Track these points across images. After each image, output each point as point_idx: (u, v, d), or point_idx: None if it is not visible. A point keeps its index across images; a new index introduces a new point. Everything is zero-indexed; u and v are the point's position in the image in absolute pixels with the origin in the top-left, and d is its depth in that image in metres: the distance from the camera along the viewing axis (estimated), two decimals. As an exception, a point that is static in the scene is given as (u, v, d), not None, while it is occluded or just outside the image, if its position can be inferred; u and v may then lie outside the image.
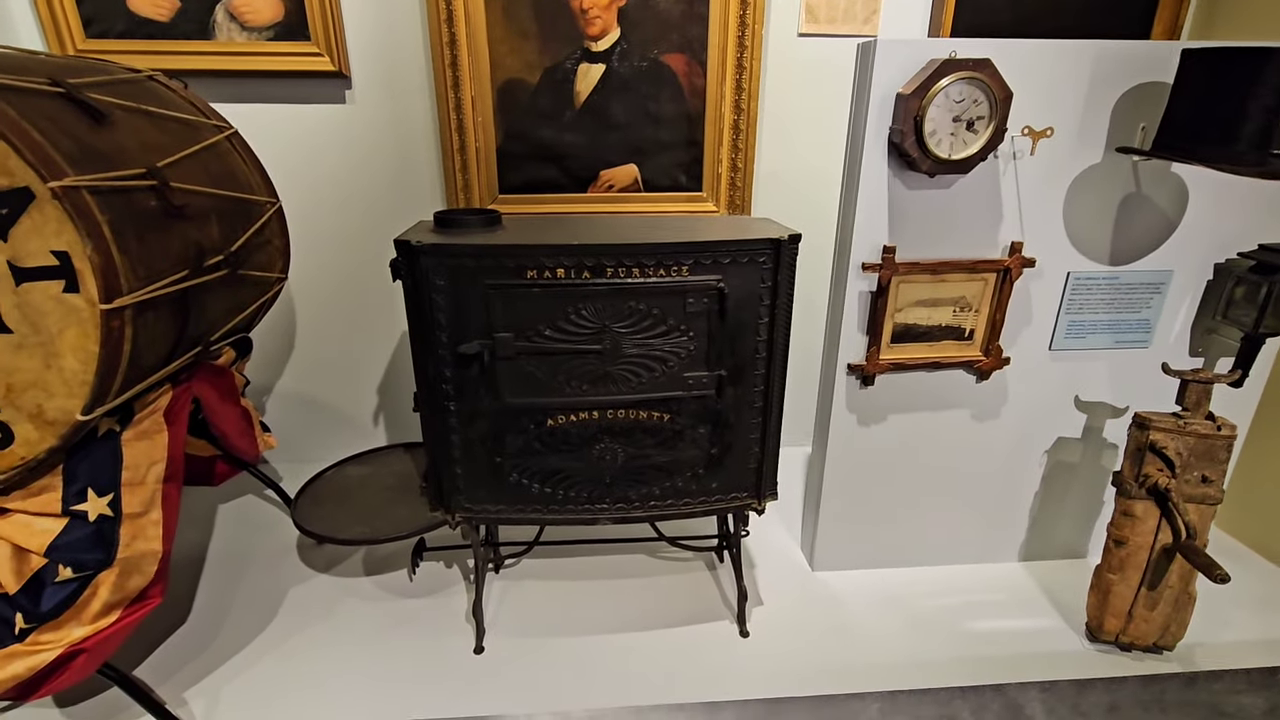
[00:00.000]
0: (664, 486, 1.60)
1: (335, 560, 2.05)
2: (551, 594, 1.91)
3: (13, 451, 1.20)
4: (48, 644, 1.28)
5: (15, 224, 1.07)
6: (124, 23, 2.01)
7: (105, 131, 1.24)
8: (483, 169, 2.22)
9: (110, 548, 1.28)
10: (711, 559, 2.07)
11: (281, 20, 2.04)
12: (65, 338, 1.14)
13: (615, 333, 1.43)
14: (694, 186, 2.32)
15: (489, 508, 1.59)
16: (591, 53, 2.13)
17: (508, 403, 1.48)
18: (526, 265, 1.37)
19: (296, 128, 2.14)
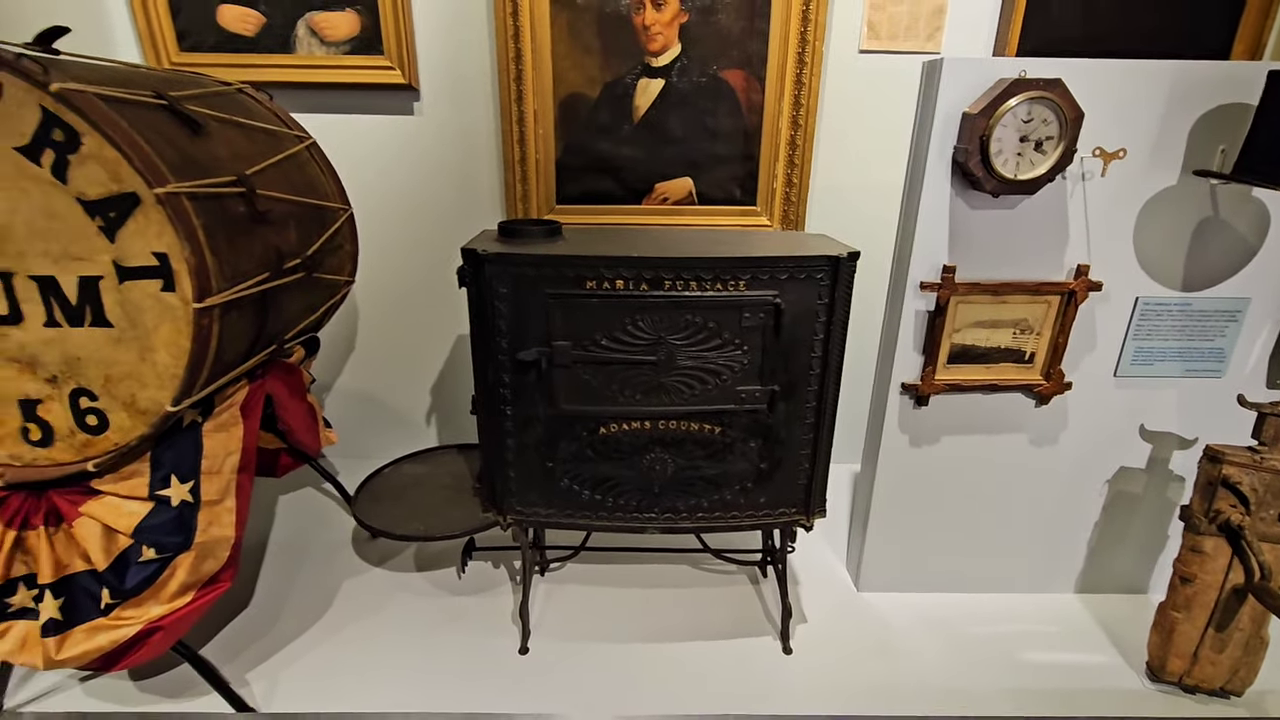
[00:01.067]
0: (712, 499, 1.61)
1: (388, 555, 2.12)
2: (595, 599, 1.94)
3: (107, 437, 1.28)
4: (129, 620, 1.36)
5: (122, 226, 1.15)
6: (214, 37, 2.14)
7: (201, 141, 1.33)
8: (541, 180, 2.28)
9: (189, 532, 1.36)
10: (754, 573, 2.06)
11: (358, 35, 2.14)
12: (160, 333, 1.22)
13: (670, 344, 1.45)
14: (748, 200, 2.33)
15: (540, 511, 1.63)
16: (652, 68, 2.17)
17: (562, 409, 1.51)
18: (586, 276, 1.40)
19: (367, 138, 2.23)
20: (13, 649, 1.34)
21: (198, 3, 2.10)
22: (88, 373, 1.24)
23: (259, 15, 2.12)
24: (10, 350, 1.21)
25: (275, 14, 2.12)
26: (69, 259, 1.16)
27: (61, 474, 1.27)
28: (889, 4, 2.12)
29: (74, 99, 1.07)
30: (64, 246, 1.15)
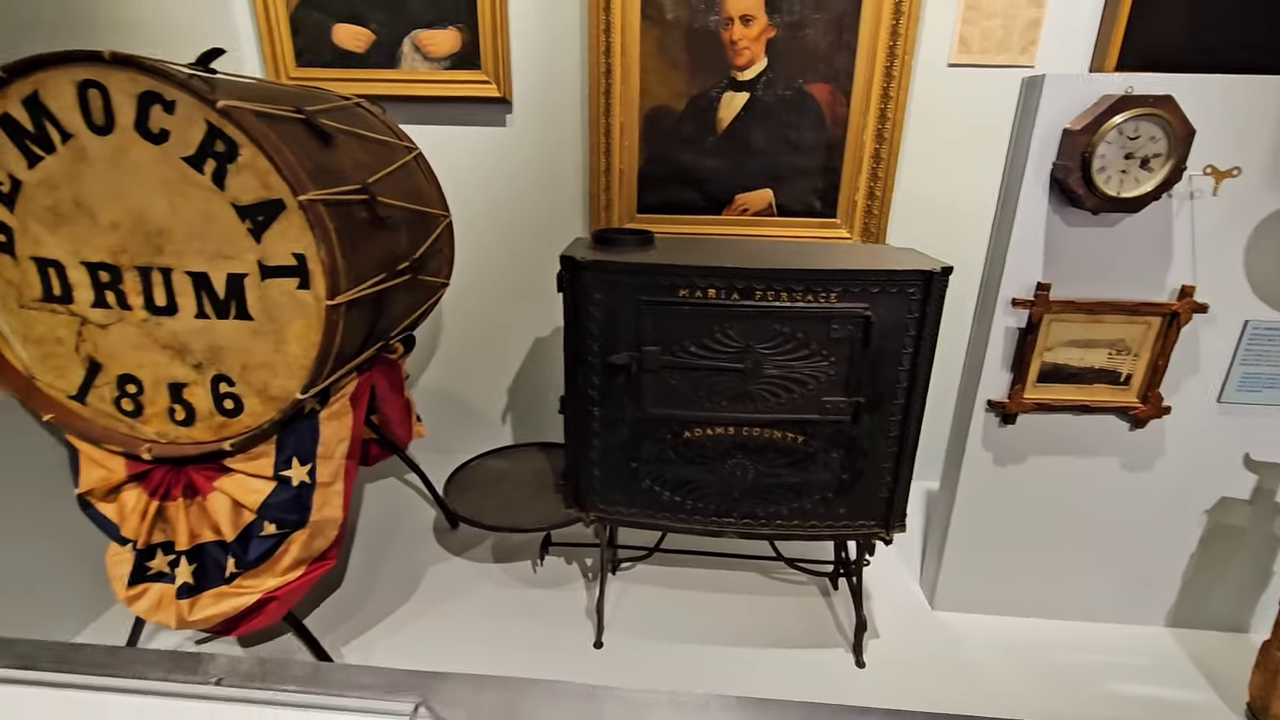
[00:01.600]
0: (791, 507, 1.63)
1: (468, 545, 2.22)
2: (667, 600, 1.98)
3: (241, 420, 1.41)
4: (249, 589, 1.49)
5: (268, 229, 1.27)
6: (328, 54, 2.30)
7: (331, 152, 1.44)
8: (624, 189, 2.35)
9: (305, 511, 1.47)
10: (825, 585, 2.06)
11: (458, 51, 2.27)
12: (293, 327, 1.33)
13: (758, 353, 1.49)
14: (828, 213, 2.33)
15: (621, 510, 1.68)
16: (737, 82, 2.21)
17: (649, 412, 1.56)
18: (679, 284, 1.45)
19: (462, 148, 2.35)
20: (149, 608, 1.48)
21: (315, 23, 2.27)
22: (228, 361, 1.36)
23: (370, 33, 2.27)
24: (165, 338, 1.35)
25: (384, 32, 2.26)
26: (220, 258, 1.28)
27: (200, 452, 1.40)
28: (981, 18, 2.10)
29: (235, 114, 1.19)
30: (217, 246, 1.28)
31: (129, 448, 1.41)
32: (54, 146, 1.22)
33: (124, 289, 1.31)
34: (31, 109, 1.21)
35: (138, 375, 1.38)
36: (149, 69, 1.17)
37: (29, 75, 1.18)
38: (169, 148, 1.22)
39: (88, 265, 1.30)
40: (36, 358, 1.39)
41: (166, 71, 1.17)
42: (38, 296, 1.33)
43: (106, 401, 1.41)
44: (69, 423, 1.40)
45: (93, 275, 1.30)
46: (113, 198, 1.25)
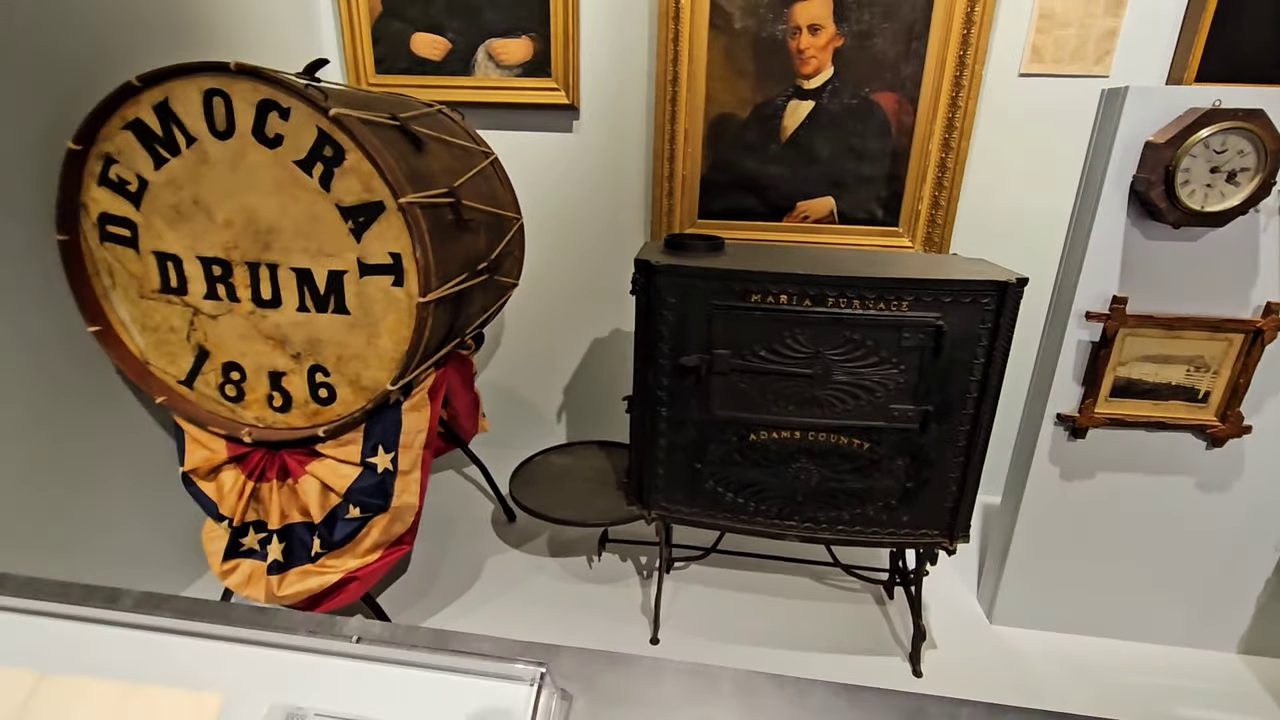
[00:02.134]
0: (854, 513, 1.64)
1: (525, 538, 2.29)
2: (721, 600, 2.00)
3: (333, 409, 1.49)
4: (331, 568, 1.57)
5: (368, 229, 1.35)
6: (405, 61, 2.40)
7: (423, 157, 1.52)
8: (686, 195, 2.39)
9: (388, 496, 1.55)
10: (880, 593, 2.06)
11: (530, 59, 2.34)
12: (386, 322, 1.41)
13: (827, 359, 1.51)
14: (890, 221, 2.34)
15: (683, 509, 1.72)
16: (803, 90, 2.23)
17: (716, 414, 1.60)
18: (752, 289, 1.48)
19: (531, 153, 2.42)
20: (240, 582, 1.58)
21: (395, 32, 2.37)
22: (324, 352, 1.45)
23: (446, 42, 2.36)
24: (268, 329, 1.44)
25: (460, 41, 2.36)
26: (323, 255, 1.37)
27: (295, 437, 1.49)
28: (1055, 27, 2.08)
29: (345, 121, 1.27)
30: (320, 244, 1.36)
31: (230, 431, 1.50)
32: (179, 150, 1.32)
33: (234, 282, 1.41)
34: (161, 115, 1.31)
35: (241, 363, 1.48)
36: (269, 79, 1.26)
37: (160, 84, 1.28)
38: (282, 152, 1.30)
39: (203, 260, 1.40)
40: (151, 344, 1.49)
41: (285, 81, 1.26)
42: (156, 288, 1.44)
43: (212, 387, 1.51)
44: (178, 406, 1.51)
45: (206, 269, 1.40)
46: (228, 197, 1.35)
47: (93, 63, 1.49)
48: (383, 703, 0.68)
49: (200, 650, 0.73)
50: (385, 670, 0.71)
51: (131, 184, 1.36)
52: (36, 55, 1.37)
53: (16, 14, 1.32)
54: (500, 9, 2.30)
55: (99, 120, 1.31)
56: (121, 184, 1.36)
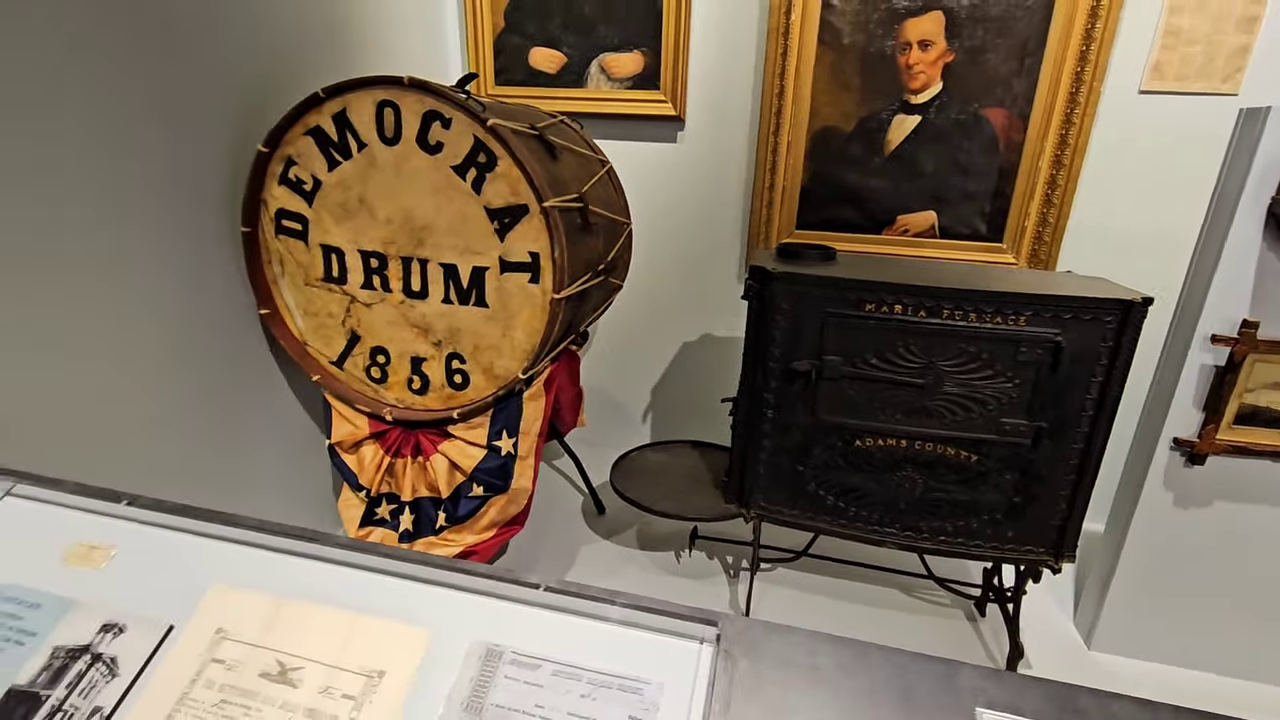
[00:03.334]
0: (957, 524, 1.65)
1: (614, 530, 2.38)
2: (809, 604, 2.04)
3: (466, 393, 1.62)
4: (452, 542, 1.70)
5: (511, 230, 1.46)
6: (523, 74, 2.55)
7: (557, 164, 1.63)
8: (786, 205, 2.44)
9: (508, 478, 1.66)
10: (970, 609, 2.05)
11: (640, 73, 2.45)
12: (521, 316, 1.52)
13: (939, 370, 1.53)
14: (993, 237, 2.32)
15: (783, 510, 1.77)
16: (910, 105, 2.25)
17: (822, 419, 1.64)
18: (867, 299, 1.53)
19: (637, 160, 2.53)
20: (371, 549, 1.72)
21: (515, 46, 2.53)
22: (462, 341, 1.58)
23: (562, 56, 2.50)
24: (414, 318, 1.58)
25: (575, 55, 2.49)
26: (470, 253, 1.50)
27: (431, 418, 1.63)
28: (1182, 44, 2.03)
29: (500, 131, 1.39)
30: (467, 242, 1.49)
31: (373, 409, 1.65)
32: (351, 154, 1.48)
33: (388, 274, 1.55)
34: (338, 123, 1.46)
35: (388, 348, 1.62)
36: (436, 91, 1.39)
37: (341, 95, 1.44)
38: (441, 158, 1.44)
39: (363, 253, 1.55)
40: (311, 328, 1.66)
41: (448, 94, 1.39)
42: (320, 277, 1.60)
43: (359, 369, 1.66)
44: (329, 384, 1.67)
45: (365, 262, 1.55)
46: (390, 197, 1.49)
47: (270, 80, 1.68)
48: (568, 648, 0.77)
49: (405, 590, 0.84)
50: (568, 619, 0.80)
51: (307, 183, 1.52)
52: (229, 74, 1.56)
53: (214, 38, 1.51)
54: (614, 25, 2.42)
55: (285, 127, 1.48)
56: (298, 183, 1.53)
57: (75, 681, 0.76)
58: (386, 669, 0.76)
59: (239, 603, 0.83)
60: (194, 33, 1.46)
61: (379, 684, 0.75)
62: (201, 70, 1.49)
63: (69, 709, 0.74)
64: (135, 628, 0.81)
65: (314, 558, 0.87)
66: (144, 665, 0.78)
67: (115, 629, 0.81)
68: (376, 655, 0.77)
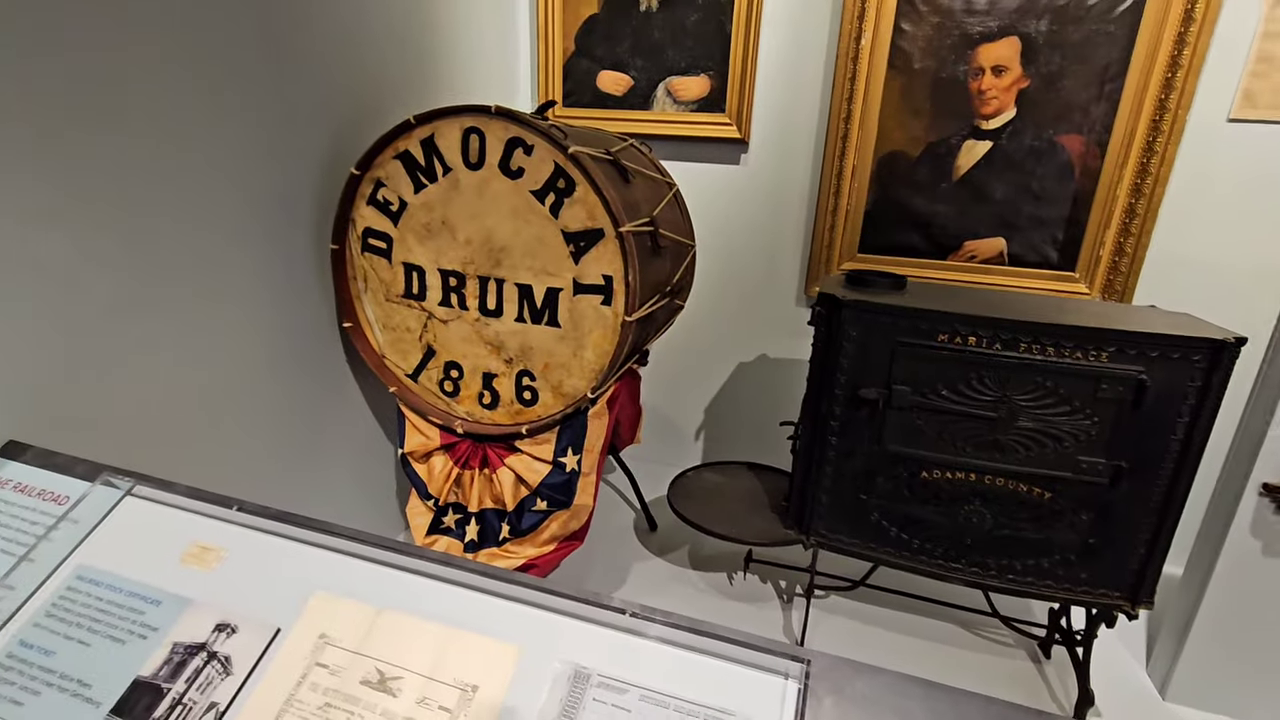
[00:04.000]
0: (1026, 563, 1.61)
1: (666, 548, 2.39)
2: (865, 635, 2.00)
3: (534, 410, 1.66)
4: (514, 554, 1.73)
5: (586, 253, 1.50)
6: (590, 96, 2.62)
7: (629, 188, 1.67)
8: (849, 228, 2.43)
9: (571, 494, 1.69)
10: (1034, 649, 1.98)
11: (705, 96, 2.48)
12: (592, 337, 1.56)
13: (1014, 404, 1.50)
14: (1065, 265, 2.26)
15: (843, 539, 1.75)
16: (981, 130, 2.22)
17: (888, 448, 1.63)
18: (940, 330, 1.51)
19: (700, 182, 2.55)
20: (436, 557, 1.77)
21: (584, 70, 2.59)
22: (533, 359, 1.62)
23: (629, 79, 2.55)
24: (488, 336, 1.63)
25: (642, 78, 2.54)
26: (545, 274, 1.54)
27: (500, 432, 1.67)
28: (1274, 71, 1.96)
29: (580, 158, 1.43)
30: (543, 264, 1.54)
31: (445, 421, 1.71)
32: (437, 177, 1.55)
33: (465, 293, 1.61)
34: (426, 148, 1.53)
35: (461, 363, 1.68)
36: (520, 120, 1.45)
37: (430, 122, 1.51)
38: (522, 182, 1.49)
39: (442, 271, 1.61)
40: (389, 342, 1.73)
41: (533, 123, 1.44)
42: (400, 293, 1.67)
43: (433, 382, 1.72)
44: (404, 396, 1.73)
45: (444, 280, 1.62)
46: (471, 219, 1.55)
47: (357, 108, 1.77)
48: (652, 674, 0.78)
49: (492, 606, 0.87)
50: (651, 645, 0.81)
51: (394, 204, 1.60)
52: (324, 107, 1.66)
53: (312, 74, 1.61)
54: (682, 50, 2.46)
55: (376, 151, 1.56)
56: (385, 204, 1.60)
57: (193, 677, 0.82)
58: (480, 683, 0.79)
59: (340, 611, 0.87)
60: (296, 71, 1.56)
61: (473, 698, 0.78)
62: (302, 104, 1.59)
63: (188, 702, 0.80)
64: (246, 628, 0.86)
65: (407, 570, 0.91)
66: (254, 665, 0.83)
67: (228, 629, 0.86)
68: (470, 669, 0.80)
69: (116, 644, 0.86)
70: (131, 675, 0.82)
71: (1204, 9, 1.92)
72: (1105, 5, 2.02)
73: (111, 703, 0.80)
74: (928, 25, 2.18)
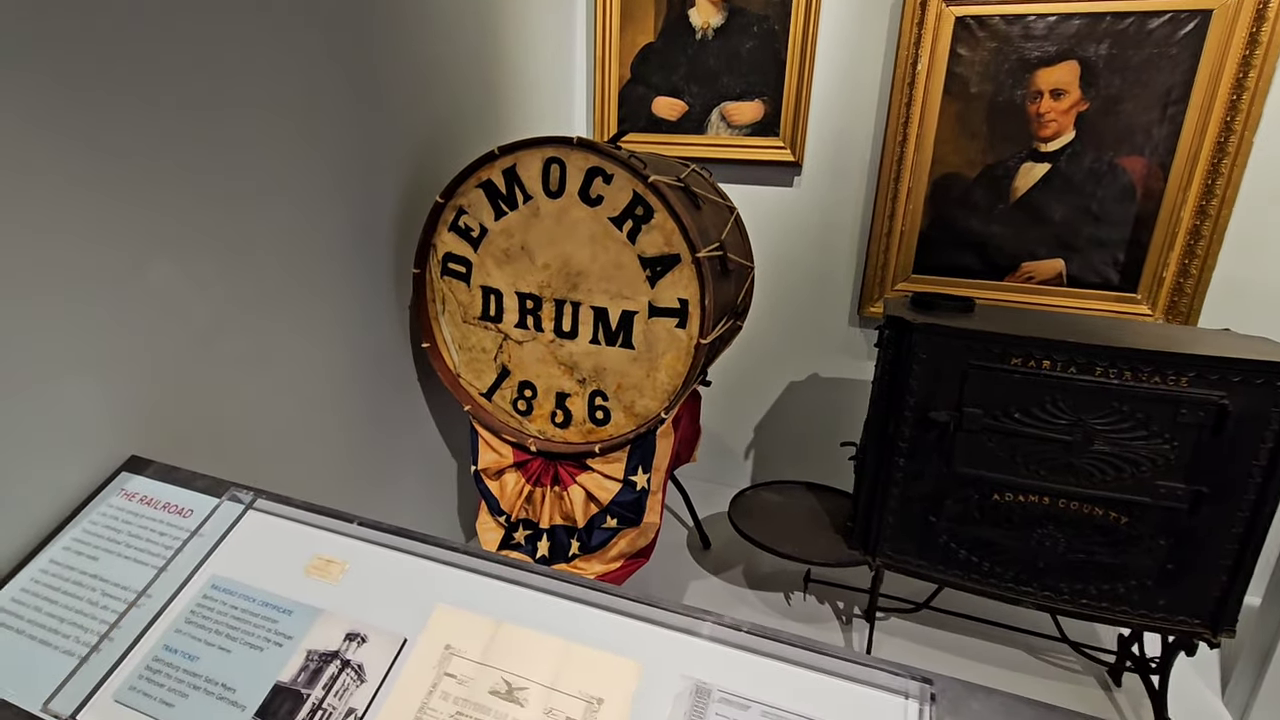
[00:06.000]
0: (1101, 588, 1.60)
1: (721, 566, 2.40)
2: (927, 659, 1.99)
3: (605, 429, 1.70)
4: (582, 570, 1.77)
5: (662, 278, 1.55)
6: (645, 122, 2.69)
7: (700, 213, 1.72)
8: (904, 250, 2.45)
9: (641, 511, 1.72)
10: (1102, 675, 1.95)
11: (759, 120, 2.53)
12: (665, 358, 1.60)
13: (1089, 427, 1.50)
14: (1127, 287, 2.25)
15: (910, 561, 1.75)
16: (1039, 153, 2.23)
17: (958, 471, 1.63)
18: (1013, 353, 1.52)
19: (754, 205, 2.60)
20: (506, 572, 1.81)
21: (639, 96, 2.66)
22: (606, 380, 1.66)
23: (684, 104, 2.61)
24: (563, 357, 1.68)
25: (696, 104, 2.60)
26: (620, 298, 1.59)
27: (571, 450, 1.72)
28: (1345, 92, 1.94)
29: (659, 187, 1.49)
30: (619, 288, 1.58)
31: (519, 440, 1.76)
32: (517, 205, 1.61)
33: (541, 315, 1.66)
34: (508, 178, 1.60)
35: (535, 383, 1.73)
36: (600, 150, 1.51)
37: (513, 153, 1.57)
38: (600, 210, 1.55)
39: (519, 294, 1.67)
40: (464, 362, 1.79)
41: (612, 153, 1.50)
42: (478, 315, 1.73)
43: (506, 401, 1.78)
44: (478, 414, 1.79)
45: (521, 303, 1.67)
46: (550, 245, 1.61)
47: (433, 141, 1.86)
48: (772, 692, 0.81)
49: (608, 622, 0.91)
50: (770, 663, 0.84)
51: (474, 230, 1.66)
52: (402, 138, 1.75)
53: (390, 107, 1.70)
54: (737, 75, 2.52)
55: (460, 180, 1.63)
56: (466, 230, 1.67)
57: (330, 683, 0.86)
58: (604, 697, 0.82)
59: (462, 623, 0.91)
60: (378, 109, 1.65)
61: (599, 711, 0.81)
62: (383, 139, 1.68)
63: (327, 708, 0.84)
64: (375, 638, 0.91)
65: (523, 585, 0.95)
66: (385, 674, 0.87)
67: (358, 638, 0.91)
68: (592, 682, 0.84)
69: (254, 650, 0.91)
70: (271, 680, 0.87)
71: (1269, 33, 1.92)
72: (1167, 30, 2.03)
73: (255, 706, 0.85)
74: (985, 50, 2.21)
